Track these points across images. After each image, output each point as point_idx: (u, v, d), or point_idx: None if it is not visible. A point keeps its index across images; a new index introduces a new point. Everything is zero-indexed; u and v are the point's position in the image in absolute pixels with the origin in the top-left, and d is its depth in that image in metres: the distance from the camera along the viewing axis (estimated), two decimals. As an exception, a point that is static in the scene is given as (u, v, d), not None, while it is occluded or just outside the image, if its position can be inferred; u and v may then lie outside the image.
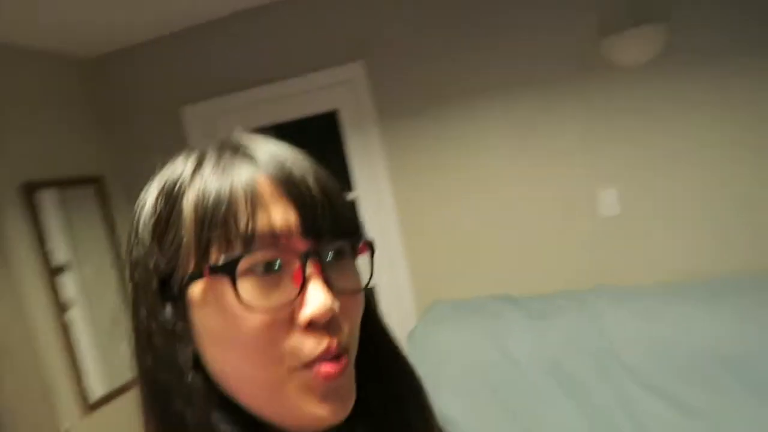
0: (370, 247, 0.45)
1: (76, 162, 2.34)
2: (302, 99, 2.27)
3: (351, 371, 0.43)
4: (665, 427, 1.68)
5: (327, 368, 0.40)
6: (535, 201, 2.09)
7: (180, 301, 0.41)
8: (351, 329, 0.43)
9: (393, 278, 2.26)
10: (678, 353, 1.77)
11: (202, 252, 0.39)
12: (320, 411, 0.40)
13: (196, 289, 0.40)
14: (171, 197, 0.42)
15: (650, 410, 1.73)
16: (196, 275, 0.40)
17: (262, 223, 0.39)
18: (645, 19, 1.86)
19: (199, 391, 0.41)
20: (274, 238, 0.39)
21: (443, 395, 1.93)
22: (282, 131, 2.37)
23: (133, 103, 2.49)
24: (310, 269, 0.40)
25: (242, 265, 0.38)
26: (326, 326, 0.40)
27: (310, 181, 0.42)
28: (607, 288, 1.98)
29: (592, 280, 2.04)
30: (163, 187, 0.43)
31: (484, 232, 2.16)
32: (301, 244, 0.40)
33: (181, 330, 0.42)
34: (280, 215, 0.40)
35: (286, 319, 0.40)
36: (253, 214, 0.39)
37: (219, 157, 0.43)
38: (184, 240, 0.40)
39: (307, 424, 0.41)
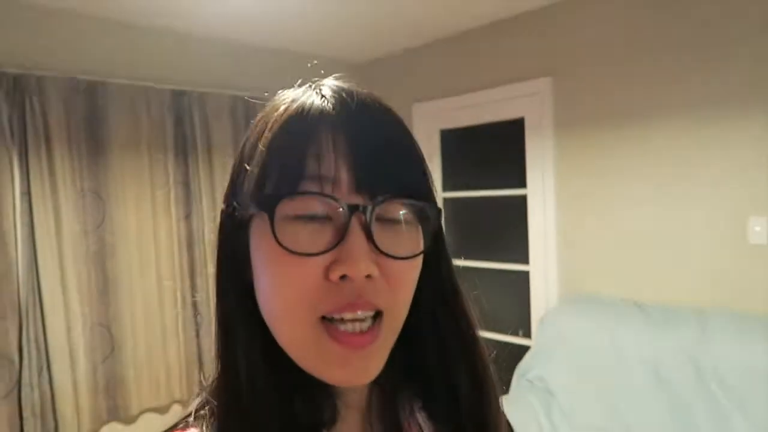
0: (435, 215, 0.44)
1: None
2: (498, 106, 2.77)
3: (383, 339, 0.42)
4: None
5: (353, 339, 0.40)
6: (687, 221, 2.23)
7: (243, 231, 0.43)
8: (395, 296, 0.42)
9: (544, 268, 2.63)
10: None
11: (259, 188, 0.41)
12: (339, 373, 0.40)
13: (254, 223, 0.42)
14: (255, 131, 0.44)
15: (734, 428, 1.84)
16: (248, 207, 0.42)
17: (313, 169, 0.39)
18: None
19: (245, 323, 0.43)
20: (323, 186, 0.39)
21: (553, 367, 2.28)
22: (480, 130, 2.91)
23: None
24: (354, 223, 0.39)
25: (285, 208, 0.39)
26: (362, 285, 0.39)
27: (379, 137, 0.42)
28: (734, 312, 2.06)
29: (727, 303, 2.13)
30: (256, 122, 0.45)
31: (633, 242, 2.38)
32: (352, 198, 0.40)
33: (240, 260, 0.43)
34: (335, 165, 0.40)
35: (321, 269, 0.39)
36: (307, 158, 0.39)
37: (299, 99, 0.43)
38: (249, 173, 0.42)
39: (326, 380, 0.41)
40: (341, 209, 0.39)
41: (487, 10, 2.60)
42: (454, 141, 3.06)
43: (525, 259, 2.73)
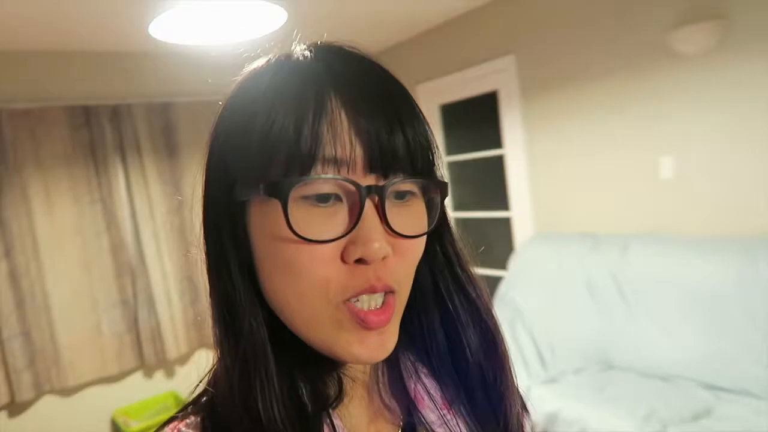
0: (442, 190, 0.44)
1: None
2: (477, 82, 3.33)
3: (396, 313, 0.43)
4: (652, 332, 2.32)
5: (372, 317, 0.40)
6: (619, 160, 2.71)
7: (241, 212, 0.41)
8: (406, 271, 0.43)
9: (521, 213, 3.19)
10: (673, 288, 2.30)
11: (263, 169, 0.39)
12: (358, 350, 0.41)
13: (254, 205, 0.41)
14: (238, 105, 0.42)
15: (643, 324, 2.36)
16: (252, 191, 0.40)
17: (325, 150, 0.38)
18: (706, 15, 2.27)
19: (249, 304, 0.42)
20: (336, 167, 0.38)
21: (520, 289, 2.87)
22: (466, 103, 3.47)
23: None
24: (368, 206, 0.39)
25: (297, 191, 0.38)
26: (379, 267, 0.40)
27: (388, 114, 0.40)
28: (653, 235, 2.53)
29: (653, 226, 2.60)
30: (236, 96, 0.43)
31: (587, 184, 2.89)
32: (365, 179, 0.39)
33: (239, 242, 0.42)
34: (346, 145, 0.38)
35: (337, 253, 0.39)
36: (317, 139, 0.38)
37: (298, 73, 0.41)
38: (249, 153, 0.40)
39: (344, 359, 0.42)
40: (356, 191, 0.38)
41: (458, 4, 3.16)
42: (449, 114, 3.66)
43: (507, 207, 3.30)
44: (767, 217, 2.24)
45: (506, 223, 3.34)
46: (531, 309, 2.78)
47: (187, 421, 0.43)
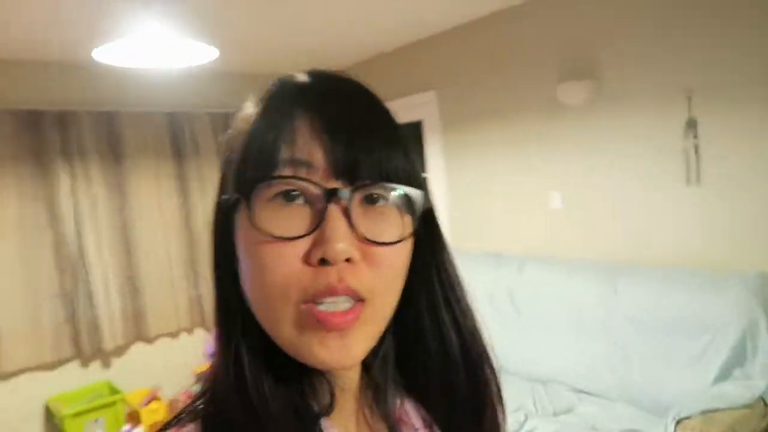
0: (419, 198, 0.44)
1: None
2: (407, 111, 3.70)
3: (364, 322, 0.42)
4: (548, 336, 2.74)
5: (331, 318, 0.40)
6: (520, 191, 3.13)
7: (230, 218, 0.44)
8: (382, 282, 0.42)
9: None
10: (555, 304, 2.72)
11: (241, 173, 0.42)
12: (319, 352, 0.41)
13: (238, 210, 0.43)
14: (244, 119, 0.45)
15: (530, 334, 2.77)
16: (230, 197, 0.43)
17: (287, 153, 0.40)
18: (584, 75, 2.71)
19: (232, 311, 0.44)
20: (302, 170, 0.40)
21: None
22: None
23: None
24: (333, 207, 0.40)
25: (263, 193, 0.40)
26: (342, 269, 0.40)
27: (359, 119, 0.42)
28: (545, 258, 2.96)
29: (545, 249, 3.03)
30: (237, 119, 0.46)
31: (492, 207, 3.30)
32: (330, 182, 0.40)
33: (229, 248, 0.44)
34: (313, 150, 0.40)
35: (301, 254, 0.40)
36: (281, 142, 0.40)
37: (275, 93, 0.45)
38: (233, 159, 0.44)
39: (309, 362, 0.42)
40: (320, 193, 0.40)
41: (388, 39, 3.52)
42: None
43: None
44: (625, 246, 2.70)
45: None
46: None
47: (185, 429, 0.43)
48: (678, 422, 1.89)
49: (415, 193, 0.43)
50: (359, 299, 0.41)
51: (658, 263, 2.55)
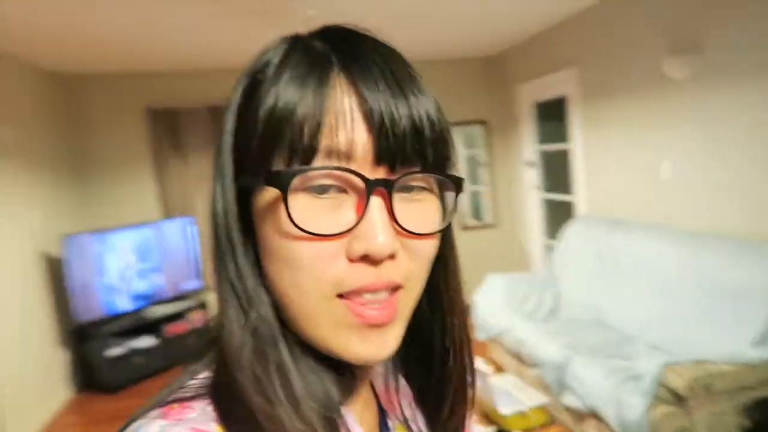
0: (457, 186, 0.42)
1: (472, 110, 4.90)
2: (549, 88, 4.06)
3: (401, 313, 0.41)
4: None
5: (372, 314, 0.39)
6: (640, 161, 3.32)
7: (248, 198, 0.41)
8: (417, 270, 0.41)
9: (579, 198, 3.91)
10: (651, 269, 2.96)
11: (266, 157, 0.38)
12: (357, 349, 0.39)
13: (258, 195, 0.40)
14: (251, 90, 0.41)
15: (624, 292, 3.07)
16: (255, 181, 0.39)
17: (329, 140, 0.37)
18: (694, 50, 2.80)
19: (253, 299, 0.40)
20: (340, 158, 0.37)
21: (559, 259, 3.67)
22: (555, 104, 4.20)
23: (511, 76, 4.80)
24: (375, 199, 0.37)
25: (298, 182, 0.37)
26: (381, 262, 0.38)
27: (399, 103, 0.38)
28: (653, 225, 3.14)
29: (656, 217, 3.21)
30: (247, 78, 0.42)
31: (619, 176, 3.53)
32: (371, 171, 0.37)
33: (246, 229, 0.41)
34: (352, 135, 0.37)
35: (340, 247, 0.38)
36: (320, 127, 0.37)
37: (306, 54, 0.40)
38: (253, 142, 0.39)
39: (342, 357, 0.40)
40: (361, 184, 0.37)
41: (534, 23, 3.92)
42: (544, 109, 4.43)
43: (570, 192, 4.05)
44: (741, 219, 2.75)
45: (569, 205, 4.09)
46: (560, 271, 3.60)
47: (193, 408, 0.38)
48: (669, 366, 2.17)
49: (455, 181, 0.42)
50: (395, 288, 0.40)
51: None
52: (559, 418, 2.70)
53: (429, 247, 0.42)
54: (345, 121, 0.37)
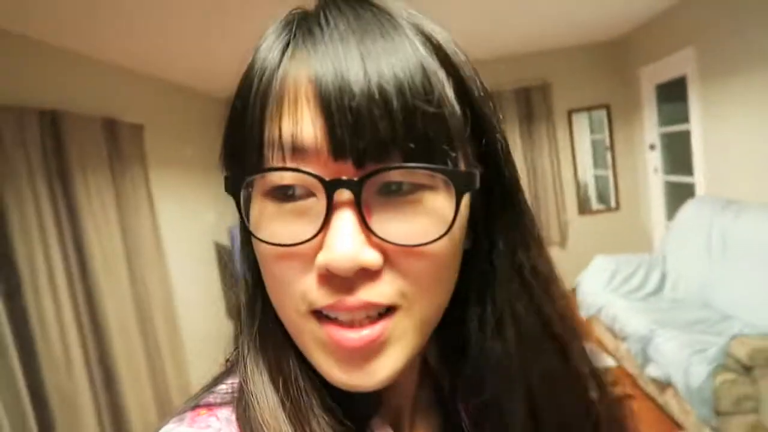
0: (456, 182, 0.32)
1: (596, 95, 4.91)
2: (668, 69, 3.98)
3: (396, 337, 0.34)
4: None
5: (349, 337, 0.32)
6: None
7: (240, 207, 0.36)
8: (412, 284, 0.33)
9: (698, 179, 3.81)
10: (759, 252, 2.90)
11: (227, 165, 0.35)
12: (339, 376, 0.34)
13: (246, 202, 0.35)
14: (243, 79, 0.35)
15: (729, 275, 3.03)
16: (228, 185, 0.34)
17: (274, 134, 0.31)
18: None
19: (253, 306, 0.38)
20: (294, 153, 0.31)
21: (671, 238, 3.66)
22: (677, 83, 4.09)
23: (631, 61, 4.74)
24: (338, 203, 0.31)
25: (256, 187, 0.33)
26: (355, 279, 0.31)
27: (350, 64, 0.30)
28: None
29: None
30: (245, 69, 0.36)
31: (739, 157, 3.40)
32: (333, 167, 0.31)
33: (246, 240, 0.38)
34: (298, 123, 0.30)
35: (310, 258, 0.32)
36: (266, 120, 0.31)
37: (276, 28, 0.35)
38: (231, 136, 0.35)
39: (331, 382, 0.35)
40: (318, 186, 0.30)
41: (651, 7, 3.90)
42: (664, 91, 4.32)
43: (692, 173, 3.95)
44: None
45: (691, 187, 3.99)
46: (670, 251, 3.59)
47: (218, 415, 0.37)
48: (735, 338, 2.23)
49: (458, 173, 0.32)
50: (389, 308, 0.33)
51: None
52: (645, 389, 2.81)
53: (429, 257, 0.33)
54: (288, 104, 0.30)
